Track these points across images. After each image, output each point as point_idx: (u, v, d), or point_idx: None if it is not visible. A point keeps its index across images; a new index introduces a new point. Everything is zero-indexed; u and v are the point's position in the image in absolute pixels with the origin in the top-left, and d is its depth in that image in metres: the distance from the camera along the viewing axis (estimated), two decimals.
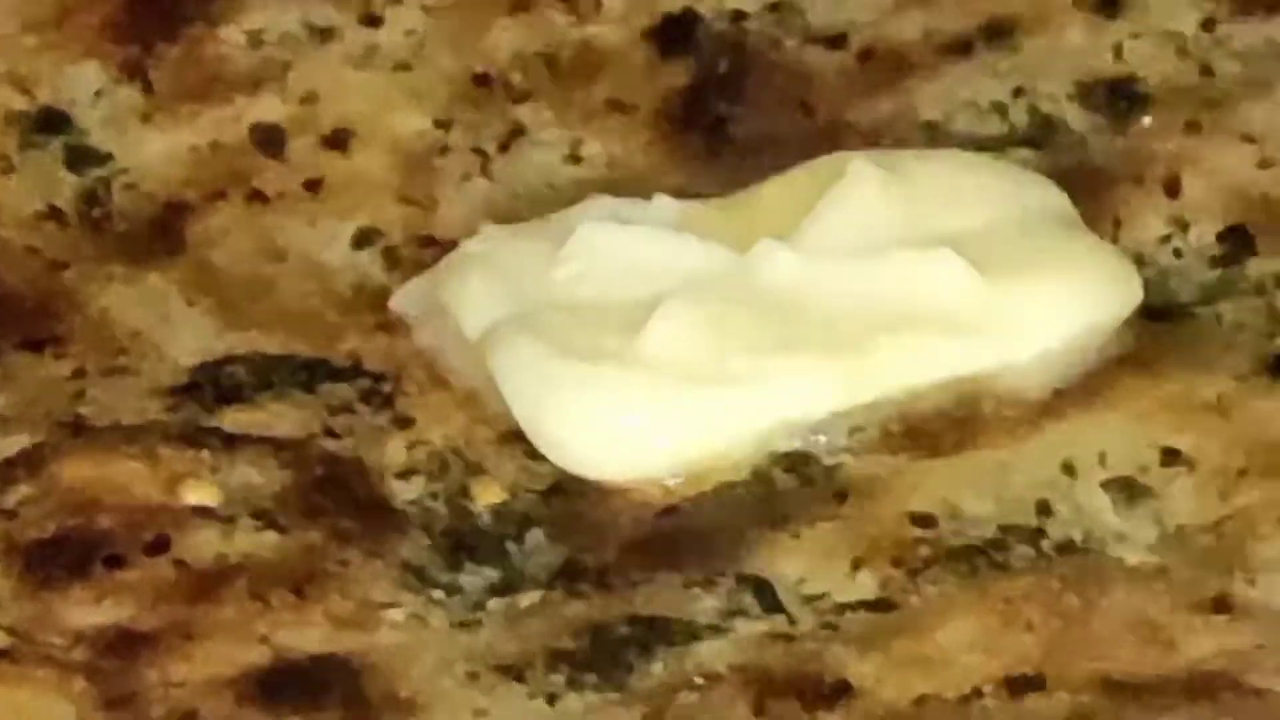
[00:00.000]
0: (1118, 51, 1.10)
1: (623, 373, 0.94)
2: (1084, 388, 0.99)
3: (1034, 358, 0.96)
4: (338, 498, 0.93)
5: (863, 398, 0.95)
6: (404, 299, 1.04)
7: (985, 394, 0.96)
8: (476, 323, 0.97)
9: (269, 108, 1.10)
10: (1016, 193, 1.02)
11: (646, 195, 1.04)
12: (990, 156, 1.05)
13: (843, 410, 0.95)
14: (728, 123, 1.08)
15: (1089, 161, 1.08)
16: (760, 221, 1.00)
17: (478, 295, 0.98)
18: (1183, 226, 1.03)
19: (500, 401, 0.95)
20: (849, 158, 1.02)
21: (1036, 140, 1.11)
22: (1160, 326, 0.99)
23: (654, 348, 0.94)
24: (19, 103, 1.08)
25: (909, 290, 0.96)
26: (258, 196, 1.09)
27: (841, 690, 0.84)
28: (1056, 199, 1.02)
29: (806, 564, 0.89)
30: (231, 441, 0.96)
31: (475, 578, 0.90)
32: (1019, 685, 0.84)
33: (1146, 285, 0.99)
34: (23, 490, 0.92)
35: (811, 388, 0.94)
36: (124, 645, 0.88)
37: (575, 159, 1.09)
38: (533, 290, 0.97)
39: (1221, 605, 0.87)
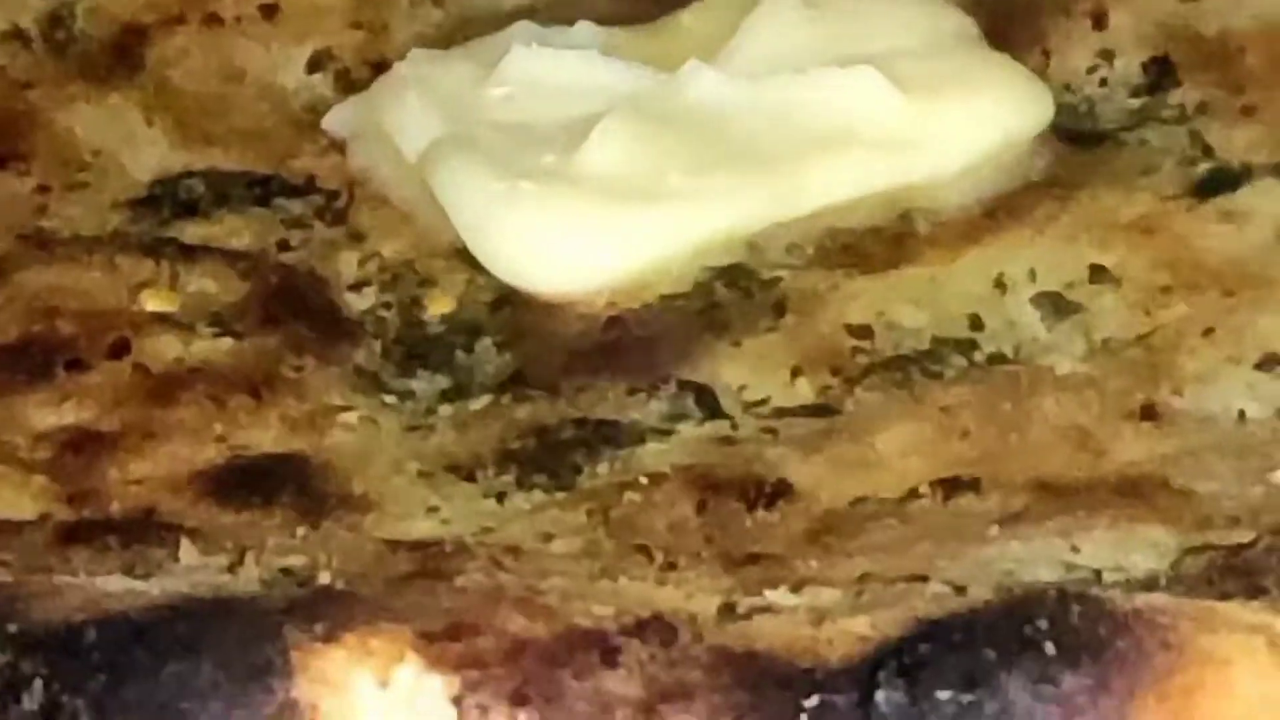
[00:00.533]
0: None
1: (563, 189, 0.94)
2: (1013, 208, 0.99)
3: (957, 172, 0.97)
4: (293, 307, 0.96)
5: (795, 212, 0.94)
6: (337, 120, 1.05)
7: (915, 209, 0.97)
8: (414, 144, 0.98)
9: None
10: (929, 18, 1.04)
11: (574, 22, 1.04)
12: None
13: (778, 225, 0.94)
14: None
15: None
16: (681, 46, 1.01)
17: (414, 116, 0.99)
18: (1108, 57, 1.05)
19: (443, 218, 0.94)
20: None
21: None
22: (1087, 152, 1.02)
23: (592, 165, 0.94)
24: None
25: (833, 107, 0.97)
26: (215, 20, 1.13)
27: (781, 491, 0.85)
28: (967, 24, 1.03)
29: (747, 372, 0.90)
30: (190, 252, 0.99)
31: (426, 384, 0.91)
32: (954, 487, 0.84)
33: (1074, 112, 1.02)
34: None
35: (746, 202, 0.94)
36: (85, 445, 0.89)
37: None
38: (467, 111, 0.98)
39: (1149, 413, 0.87)
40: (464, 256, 0.94)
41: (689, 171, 0.93)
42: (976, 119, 0.97)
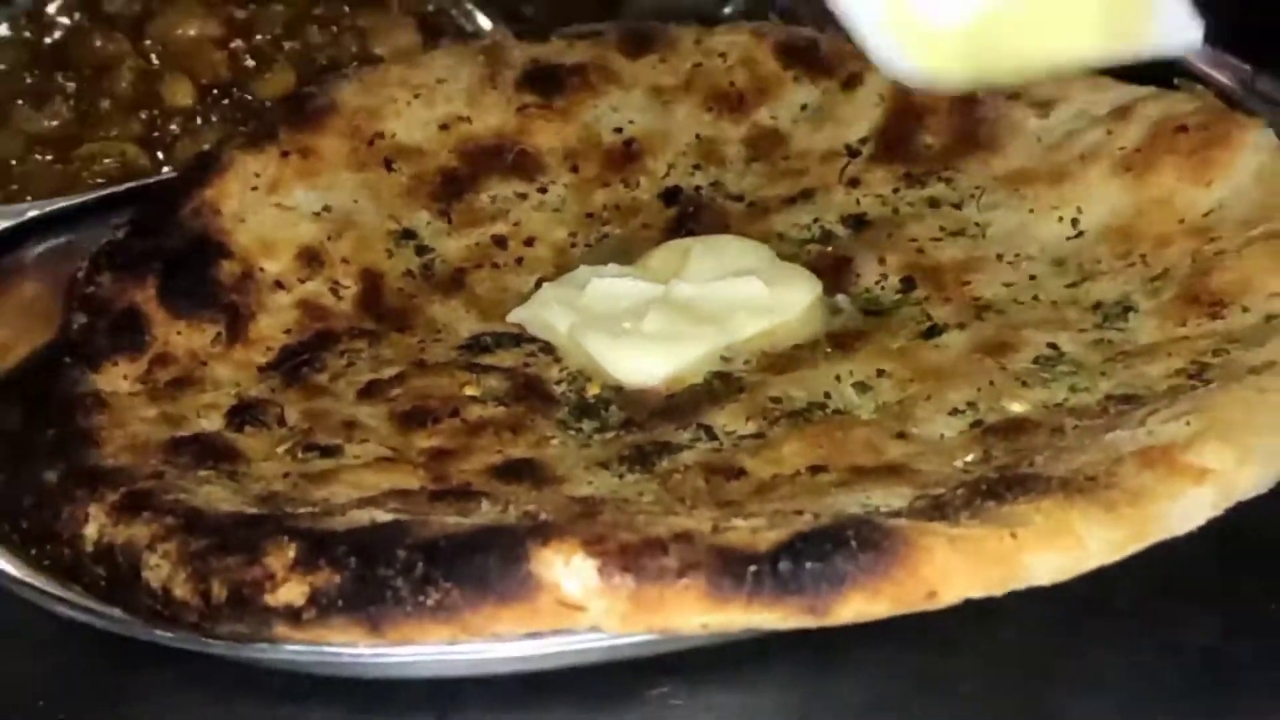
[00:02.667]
0: None
1: (638, 339, 0.93)
2: (840, 340, 0.94)
3: (798, 319, 0.94)
4: (530, 390, 0.91)
5: (736, 341, 0.93)
6: (516, 315, 0.98)
7: (787, 340, 0.93)
8: (560, 324, 0.94)
9: None
10: (761, 254, 0.99)
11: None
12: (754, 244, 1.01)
13: (731, 349, 0.93)
14: (693, 230, 1.03)
15: None
16: (661, 271, 0.98)
17: (556, 311, 0.95)
18: (885, 276, 0.98)
19: (584, 354, 0.93)
20: (693, 241, 1.00)
21: None
22: (872, 316, 0.97)
23: (648, 328, 0.93)
24: None
25: (741, 294, 0.94)
26: (494, 266, 1.04)
27: (741, 473, 0.83)
28: (769, 254, 1.00)
29: (726, 419, 0.86)
30: (485, 369, 0.94)
31: (587, 425, 0.89)
32: (815, 470, 0.83)
33: (867, 299, 0.98)
34: None
35: (714, 340, 0.93)
36: (440, 455, 0.87)
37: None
38: (581, 309, 0.95)
39: (901, 435, 0.84)
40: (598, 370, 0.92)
41: (688, 328, 0.93)
42: (800, 293, 0.95)
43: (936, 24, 0.77)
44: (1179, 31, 0.75)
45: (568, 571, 0.70)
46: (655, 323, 0.92)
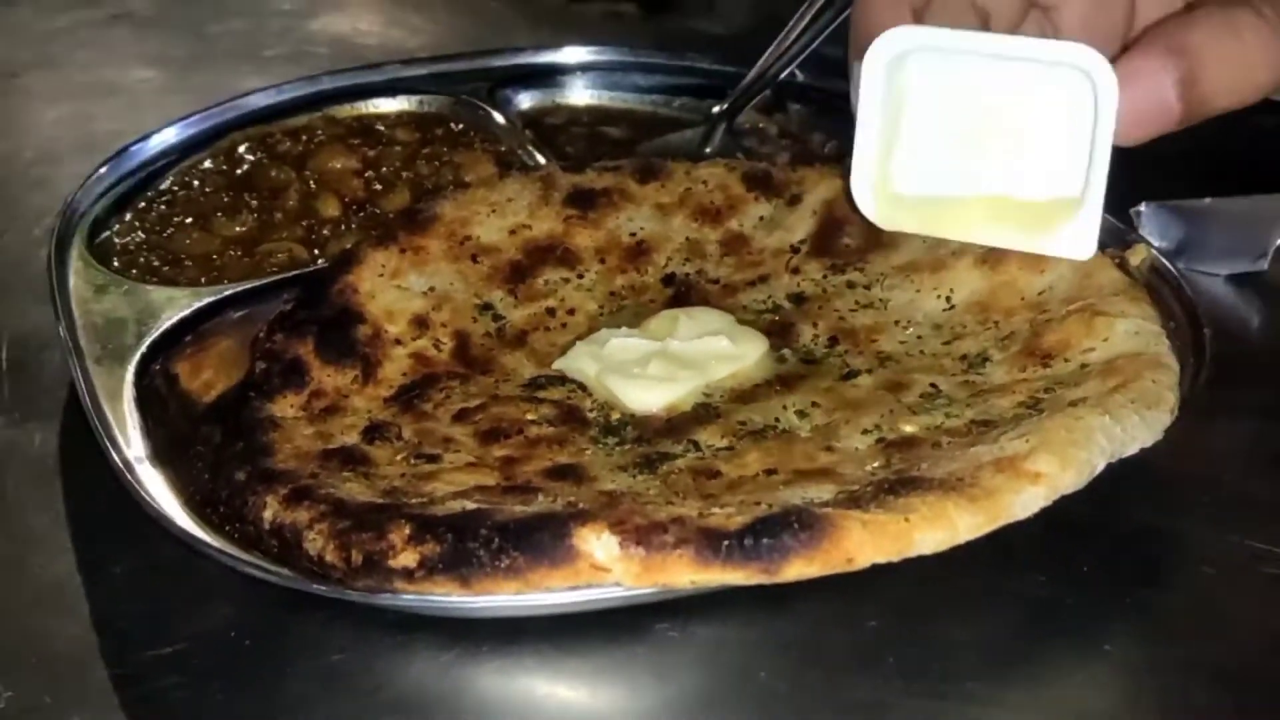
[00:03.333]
0: None
1: (645, 379, 0.91)
2: (786, 380, 0.91)
3: (752, 366, 0.92)
4: (571, 416, 0.89)
5: (714, 380, 0.91)
6: (558, 364, 0.94)
7: (749, 380, 0.92)
8: (589, 370, 0.92)
9: None
10: (725, 320, 0.97)
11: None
12: (720, 314, 0.98)
13: (711, 387, 0.91)
14: (684, 303, 1.02)
15: None
16: (658, 332, 0.96)
17: (585, 361, 0.93)
18: (817, 336, 0.96)
19: (605, 390, 0.91)
20: (681, 311, 0.98)
21: None
22: (806, 364, 0.94)
23: (653, 372, 0.91)
24: None
25: (713, 349, 0.93)
26: (540, 328, 1.01)
27: (717, 474, 0.81)
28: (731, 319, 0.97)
29: (708, 435, 0.85)
30: (539, 400, 0.91)
31: (611, 440, 0.88)
32: (769, 473, 0.80)
33: (802, 351, 0.95)
34: None
35: (698, 380, 0.91)
36: (509, 461, 0.84)
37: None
38: (603, 359, 0.93)
39: (829, 449, 0.82)
40: (618, 401, 0.89)
41: (678, 372, 0.91)
42: (753, 347, 0.93)
43: (904, 193, 0.83)
44: (1077, 244, 0.77)
45: (599, 544, 0.71)
46: (656, 369, 0.91)
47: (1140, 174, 1.09)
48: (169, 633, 0.76)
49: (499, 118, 1.31)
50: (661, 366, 0.91)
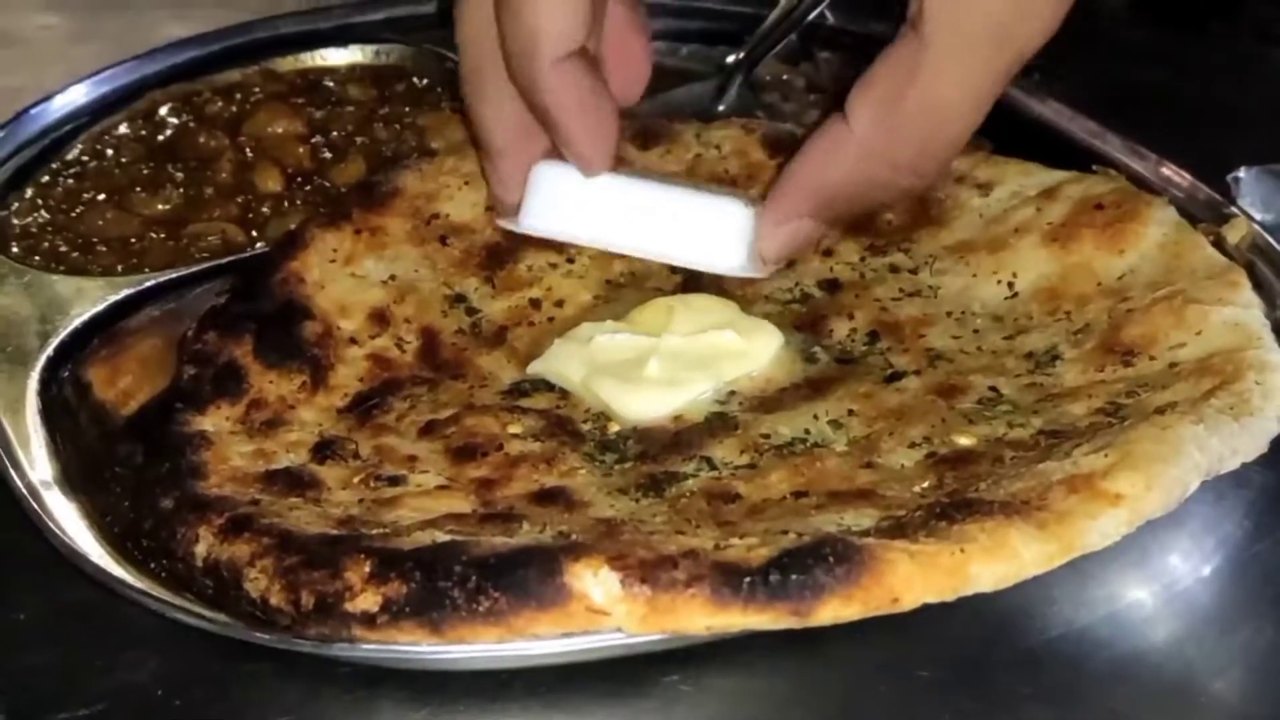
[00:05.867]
0: None
1: (642, 385, 0.92)
2: (817, 385, 0.92)
3: (768, 365, 0.94)
4: (562, 429, 0.90)
5: (722, 382, 0.92)
6: (533, 369, 0.95)
7: (769, 385, 0.93)
8: (575, 374, 0.93)
9: None
10: (730, 308, 0.98)
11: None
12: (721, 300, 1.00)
13: (723, 390, 0.92)
14: (698, 289, 1.02)
15: None
16: (649, 324, 0.96)
17: (569, 363, 0.94)
18: (855, 330, 0.97)
19: (594, 396, 0.92)
20: (676, 299, 0.99)
21: None
22: (840, 364, 0.95)
23: (650, 375, 0.92)
24: None
25: (720, 343, 0.93)
26: (528, 323, 1.02)
27: (736, 497, 0.82)
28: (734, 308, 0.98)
29: (724, 452, 0.86)
30: (523, 411, 0.92)
31: (609, 457, 0.88)
32: (797, 496, 0.82)
33: (836, 349, 0.96)
34: None
35: (704, 384, 0.92)
36: (488, 482, 0.86)
37: None
38: (586, 361, 0.94)
39: (869, 465, 0.83)
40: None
41: (682, 374, 0.92)
42: (767, 342, 0.94)
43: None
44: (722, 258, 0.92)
45: (595, 582, 0.71)
46: (656, 370, 0.91)
47: (1239, 130, 1.10)
48: (84, 690, 0.77)
49: None
50: (662, 368, 0.92)
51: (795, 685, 0.78)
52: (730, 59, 1.30)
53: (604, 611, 0.70)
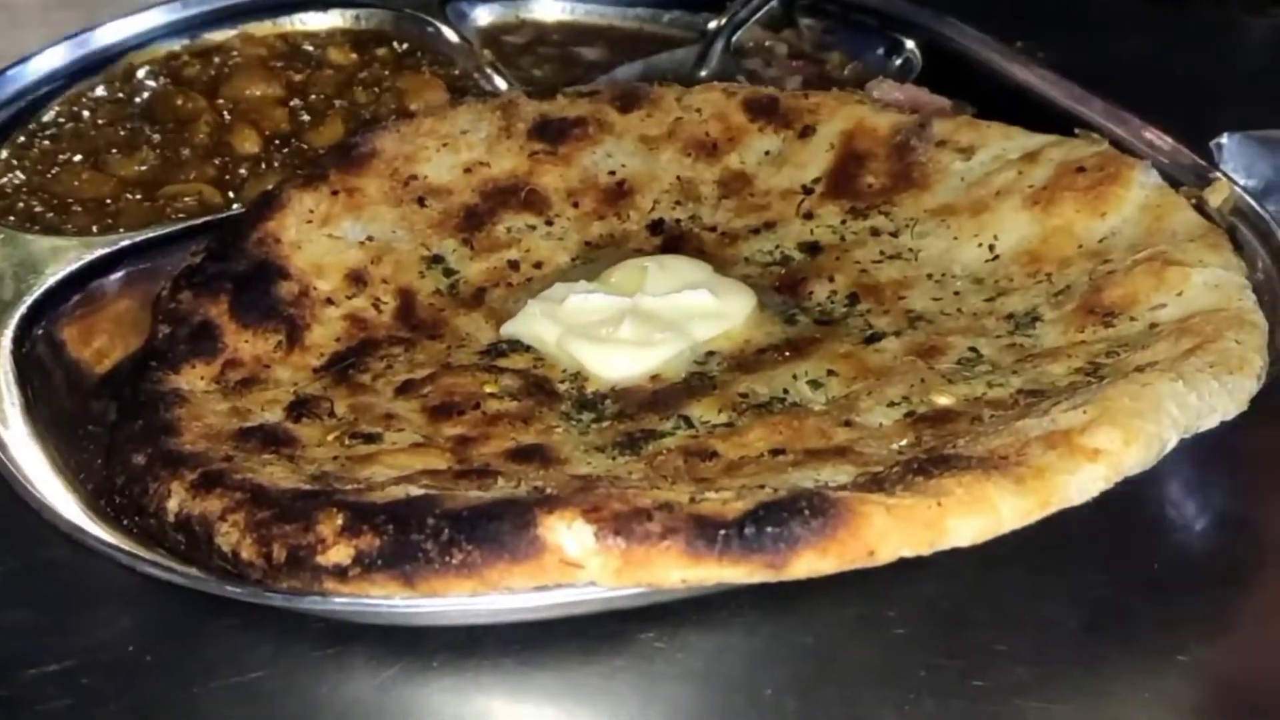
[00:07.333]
0: None
1: (617, 344, 0.92)
2: (796, 344, 0.92)
3: (743, 324, 0.94)
4: (539, 389, 0.90)
5: (696, 342, 0.92)
6: (507, 330, 0.95)
7: (744, 344, 0.93)
8: (549, 334, 0.93)
9: None
10: (705, 271, 0.98)
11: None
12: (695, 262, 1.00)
13: (697, 348, 0.92)
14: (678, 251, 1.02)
15: None
16: (623, 285, 0.97)
17: (543, 324, 0.94)
18: (834, 292, 0.97)
19: (570, 357, 0.92)
20: (650, 260, 0.99)
21: None
22: (820, 325, 0.95)
23: (624, 335, 0.92)
24: None
25: (694, 303, 0.94)
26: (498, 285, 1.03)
27: (713, 455, 0.82)
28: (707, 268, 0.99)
29: (701, 410, 0.86)
30: (500, 370, 0.92)
31: (586, 415, 0.88)
32: (774, 453, 0.81)
33: (814, 310, 0.96)
34: None
35: (679, 342, 0.92)
36: (465, 440, 0.85)
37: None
38: (562, 320, 0.94)
39: (848, 423, 0.83)
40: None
41: (656, 334, 0.92)
42: (741, 302, 0.94)
43: None
44: None
45: (569, 535, 0.70)
46: (629, 330, 0.92)
47: (1221, 98, 1.10)
48: (56, 647, 0.76)
49: (451, 35, 1.30)
50: (636, 328, 0.92)
51: (772, 642, 0.78)
52: (712, 24, 1.31)
53: (578, 564, 0.70)
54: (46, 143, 1.17)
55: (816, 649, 0.77)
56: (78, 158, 1.15)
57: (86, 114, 1.21)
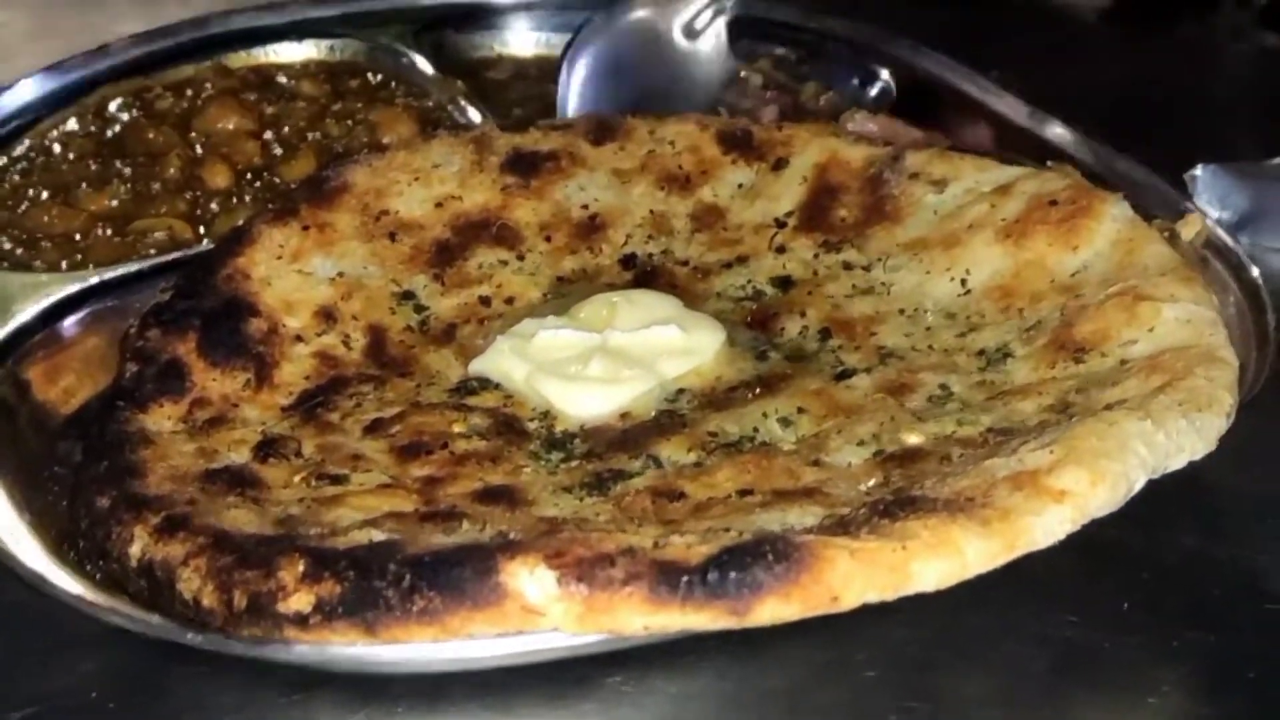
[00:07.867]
0: None
1: (585, 382, 0.92)
2: (767, 382, 0.91)
3: (712, 362, 0.93)
4: (508, 428, 0.89)
5: (665, 379, 0.92)
6: (474, 368, 0.95)
7: (714, 382, 0.92)
8: (517, 373, 0.93)
9: None
10: (675, 307, 0.98)
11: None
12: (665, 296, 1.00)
13: (666, 385, 0.92)
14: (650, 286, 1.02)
15: None
16: (591, 321, 0.96)
17: (511, 361, 0.94)
18: (806, 329, 0.97)
19: (536, 394, 0.92)
20: (619, 295, 0.99)
21: None
22: (791, 362, 0.95)
23: (593, 373, 0.92)
24: None
25: (663, 339, 0.93)
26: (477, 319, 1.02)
27: (680, 496, 0.81)
28: (676, 302, 0.99)
29: (671, 450, 0.85)
30: (469, 409, 0.92)
31: (555, 455, 0.88)
32: (742, 494, 0.81)
33: (786, 347, 0.96)
34: None
35: (646, 381, 0.92)
36: (432, 481, 0.85)
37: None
38: (530, 357, 0.93)
39: (816, 463, 0.83)
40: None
41: (625, 371, 0.92)
42: (710, 338, 0.94)
43: None
44: None
45: (531, 581, 0.70)
46: (598, 368, 0.91)
47: (1196, 129, 1.10)
48: (15, 694, 0.76)
49: (425, 67, 1.30)
50: (605, 366, 0.92)
51: (739, 687, 0.77)
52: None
53: (539, 611, 0.69)
54: (16, 177, 1.17)
55: (786, 692, 0.77)
56: (47, 192, 1.15)
57: (57, 148, 1.20)
